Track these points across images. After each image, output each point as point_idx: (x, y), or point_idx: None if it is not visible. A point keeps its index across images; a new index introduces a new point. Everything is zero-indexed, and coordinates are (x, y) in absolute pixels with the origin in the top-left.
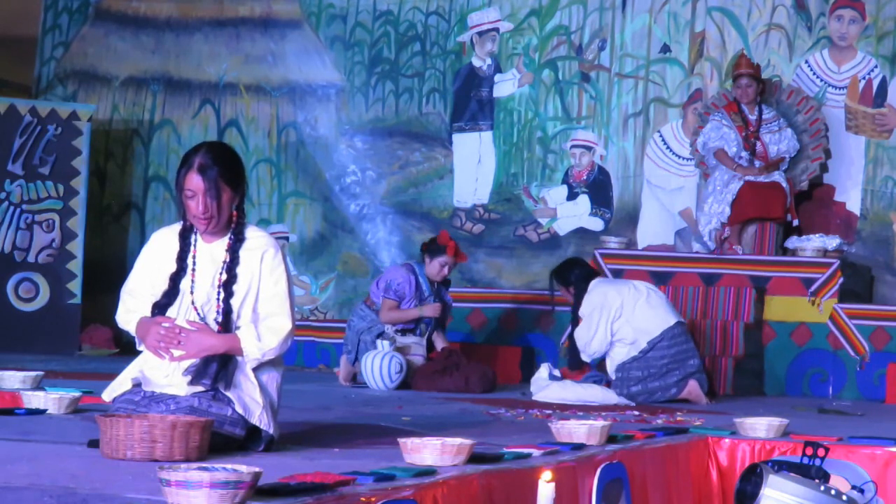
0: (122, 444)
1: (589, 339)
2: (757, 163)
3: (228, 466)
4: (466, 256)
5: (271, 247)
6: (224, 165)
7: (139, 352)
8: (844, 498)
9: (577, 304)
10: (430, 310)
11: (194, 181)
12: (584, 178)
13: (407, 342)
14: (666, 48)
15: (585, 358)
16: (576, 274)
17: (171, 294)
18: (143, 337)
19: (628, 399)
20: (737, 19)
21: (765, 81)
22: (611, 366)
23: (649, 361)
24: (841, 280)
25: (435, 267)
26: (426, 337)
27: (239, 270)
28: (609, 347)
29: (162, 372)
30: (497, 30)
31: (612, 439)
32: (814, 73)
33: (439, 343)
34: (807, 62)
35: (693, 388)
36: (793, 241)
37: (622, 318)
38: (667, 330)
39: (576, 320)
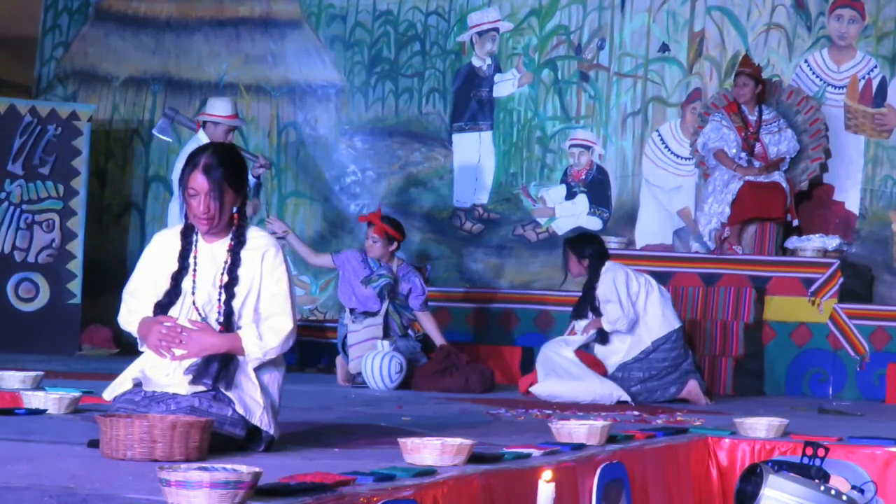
0: (122, 444)
1: (623, 314)
2: (756, 163)
3: (228, 466)
4: (381, 227)
5: (272, 246)
6: (229, 167)
7: (140, 352)
8: (844, 498)
9: (591, 280)
10: (277, 226)
11: (198, 181)
12: (583, 177)
13: (360, 326)
14: (665, 47)
15: (618, 330)
16: (592, 249)
17: (172, 293)
18: (144, 336)
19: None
20: (736, 18)
21: (765, 83)
22: (610, 358)
23: (651, 363)
24: (841, 280)
25: (366, 242)
26: (382, 314)
27: (240, 272)
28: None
29: (163, 371)
30: (497, 30)
31: (612, 439)
32: (813, 73)
33: (436, 339)
34: (806, 62)
35: (693, 388)
36: (793, 242)
37: (636, 306)
38: (670, 333)
39: (587, 295)
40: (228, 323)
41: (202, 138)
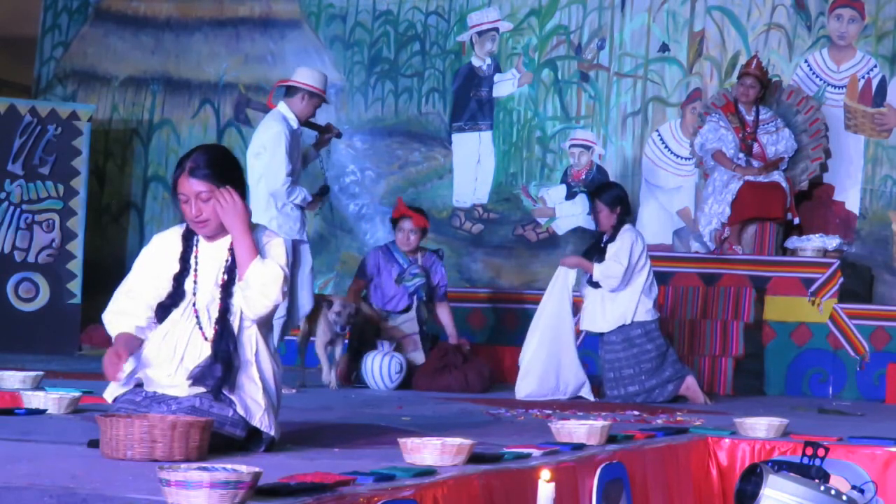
0: (122, 444)
1: (621, 280)
2: (755, 163)
3: (228, 466)
4: (421, 218)
5: (274, 236)
6: (216, 167)
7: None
8: (844, 498)
9: (614, 233)
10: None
11: (186, 185)
12: (583, 177)
13: (397, 322)
14: (665, 47)
15: (607, 286)
16: (624, 205)
17: (175, 295)
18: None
19: (624, 399)
20: (736, 18)
21: (767, 87)
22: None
23: (638, 358)
24: (841, 280)
25: (400, 237)
26: (415, 309)
27: None
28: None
29: (164, 372)
30: (497, 29)
31: (612, 439)
32: (813, 73)
33: (450, 332)
34: (806, 61)
35: (691, 384)
36: (793, 242)
37: (633, 277)
38: (649, 322)
39: (597, 245)
40: (225, 322)
41: (285, 111)
